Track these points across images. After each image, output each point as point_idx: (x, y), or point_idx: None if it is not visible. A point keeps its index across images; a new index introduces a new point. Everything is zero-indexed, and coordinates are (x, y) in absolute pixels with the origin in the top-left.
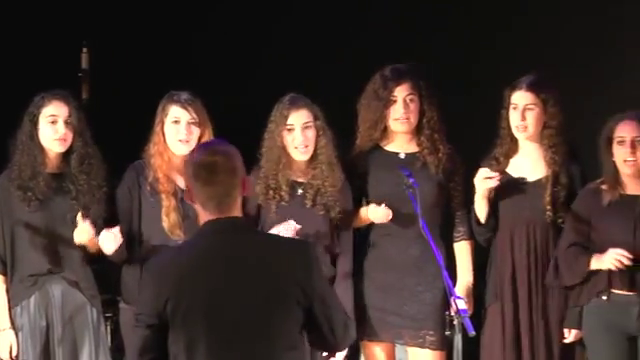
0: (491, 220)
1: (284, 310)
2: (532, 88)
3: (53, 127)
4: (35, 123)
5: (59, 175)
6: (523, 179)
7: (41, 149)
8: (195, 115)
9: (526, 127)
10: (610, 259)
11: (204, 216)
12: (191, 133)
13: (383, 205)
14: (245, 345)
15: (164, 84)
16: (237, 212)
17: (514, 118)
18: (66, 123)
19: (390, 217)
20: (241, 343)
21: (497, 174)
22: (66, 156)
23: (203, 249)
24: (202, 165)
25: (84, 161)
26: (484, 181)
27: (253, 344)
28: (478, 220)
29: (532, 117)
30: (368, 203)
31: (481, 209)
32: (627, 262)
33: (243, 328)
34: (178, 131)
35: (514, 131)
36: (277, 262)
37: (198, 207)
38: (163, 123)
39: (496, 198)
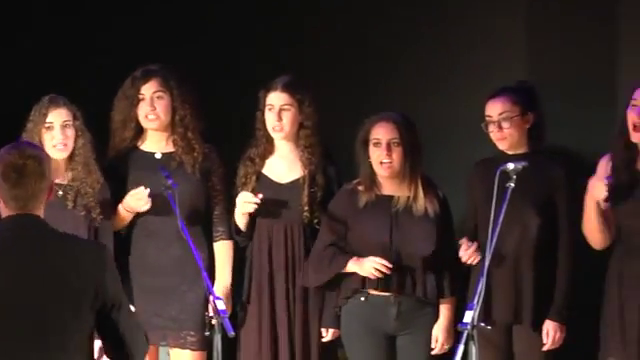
0: (250, 229)
1: (75, 311)
2: (287, 89)
3: None
4: None
5: None
6: (280, 180)
7: None
8: None
9: (282, 127)
10: (369, 268)
11: (5, 212)
12: None
13: (142, 187)
14: (33, 346)
15: None
16: (39, 213)
17: (270, 119)
18: None
19: (148, 203)
20: (30, 343)
21: (257, 199)
22: None
23: None
24: (12, 167)
25: None
26: (244, 205)
27: (41, 344)
28: (238, 228)
29: (288, 117)
30: None
31: (240, 220)
32: (386, 271)
33: (32, 328)
34: None
35: (270, 132)
36: (70, 263)
37: (1, 204)
38: None
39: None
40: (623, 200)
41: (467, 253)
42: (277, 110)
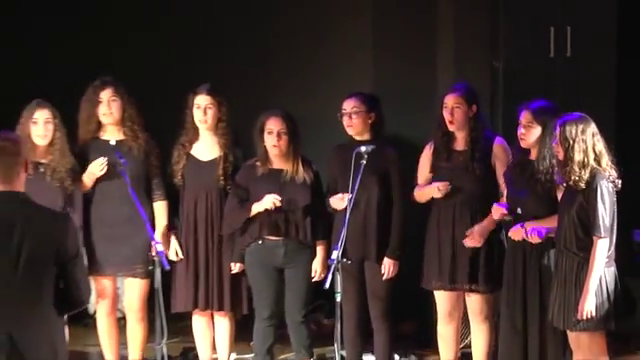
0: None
1: (43, 266)
2: (210, 92)
3: None
4: None
5: None
6: (203, 158)
7: None
8: None
9: (207, 121)
10: (268, 201)
11: None
12: None
13: (102, 158)
14: (14, 298)
15: None
16: (19, 185)
17: (198, 114)
18: None
19: (104, 170)
20: (9, 297)
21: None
22: None
23: None
24: None
25: None
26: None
27: (21, 298)
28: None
29: (211, 114)
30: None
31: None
32: (279, 204)
33: (12, 284)
34: None
35: (197, 124)
36: (41, 228)
37: None
38: None
39: (184, 173)
40: (441, 168)
41: (336, 199)
42: (203, 108)
